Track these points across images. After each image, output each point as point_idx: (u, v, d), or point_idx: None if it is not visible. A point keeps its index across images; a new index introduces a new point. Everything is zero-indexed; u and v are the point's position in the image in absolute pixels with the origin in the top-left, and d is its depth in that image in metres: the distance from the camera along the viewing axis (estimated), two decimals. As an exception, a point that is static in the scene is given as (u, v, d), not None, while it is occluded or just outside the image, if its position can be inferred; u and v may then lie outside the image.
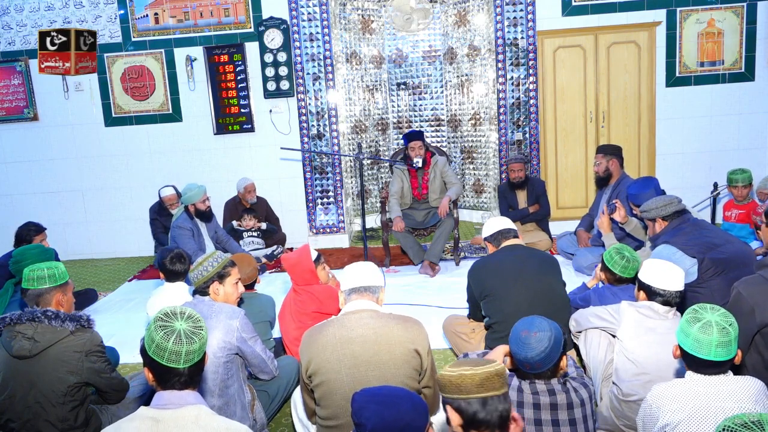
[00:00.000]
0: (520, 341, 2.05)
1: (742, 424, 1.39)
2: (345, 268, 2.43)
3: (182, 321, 1.78)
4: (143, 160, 6.32)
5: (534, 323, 2.08)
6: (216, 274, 2.72)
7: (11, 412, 2.43)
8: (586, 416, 2.09)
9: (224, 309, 2.64)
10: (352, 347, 2.20)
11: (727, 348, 1.88)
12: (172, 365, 1.73)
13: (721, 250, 3.03)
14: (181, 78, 6.13)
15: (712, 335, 1.87)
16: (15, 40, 6.17)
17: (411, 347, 2.22)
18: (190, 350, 1.75)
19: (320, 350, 2.22)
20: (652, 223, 3.40)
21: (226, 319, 2.59)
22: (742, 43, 5.85)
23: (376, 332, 2.22)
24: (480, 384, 1.61)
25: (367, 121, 6.71)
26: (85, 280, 5.69)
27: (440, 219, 5.18)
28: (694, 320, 1.92)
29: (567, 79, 6.05)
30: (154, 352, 1.73)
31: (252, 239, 5.70)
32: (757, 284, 2.46)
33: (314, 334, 2.29)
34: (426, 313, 4.15)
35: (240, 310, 2.69)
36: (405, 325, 2.27)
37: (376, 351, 2.19)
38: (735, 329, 1.89)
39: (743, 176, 4.71)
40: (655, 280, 2.59)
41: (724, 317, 1.91)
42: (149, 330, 1.77)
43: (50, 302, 2.59)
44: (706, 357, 1.89)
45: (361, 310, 2.29)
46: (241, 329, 2.60)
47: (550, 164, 6.20)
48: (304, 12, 5.91)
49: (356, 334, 2.22)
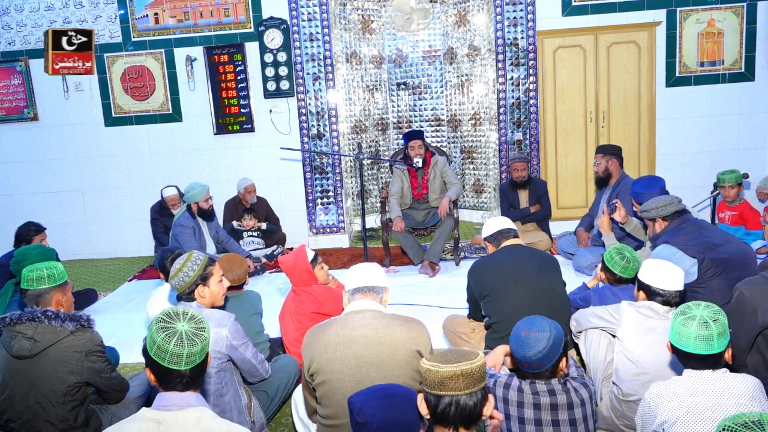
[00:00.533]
0: (520, 340, 2.07)
1: (742, 424, 1.39)
2: (350, 268, 2.43)
3: (184, 322, 1.77)
4: (143, 160, 6.32)
5: (534, 323, 2.09)
6: (198, 277, 2.62)
7: (11, 412, 2.43)
8: (586, 416, 2.09)
9: (213, 316, 2.55)
10: (355, 347, 2.19)
11: (707, 342, 1.91)
12: (174, 367, 1.72)
13: (721, 250, 3.03)
14: (181, 78, 6.13)
15: (691, 328, 1.93)
16: (15, 40, 6.17)
17: (413, 348, 2.21)
18: (191, 352, 1.74)
19: (322, 349, 2.21)
20: (652, 223, 3.40)
21: (214, 327, 2.48)
22: (742, 43, 5.85)
23: (378, 333, 2.21)
24: (441, 382, 1.60)
25: (367, 121, 6.71)
26: (85, 280, 5.69)
27: (440, 219, 5.18)
28: (681, 314, 1.99)
29: (567, 79, 6.05)
30: (156, 353, 1.72)
31: (252, 239, 5.70)
32: (759, 285, 2.46)
33: (317, 333, 2.28)
34: (426, 313, 4.14)
35: (230, 315, 2.61)
36: (408, 325, 2.26)
37: (379, 351, 2.19)
38: (720, 326, 1.92)
39: (731, 176, 4.78)
40: (655, 280, 2.59)
41: (711, 314, 1.94)
42: (150, 331, 1.76)
43: (50, 302, 2.60)
44: (685, 348, 1.95)
45: (364, 310, 2.28)
46: (231, 337, 2.54)
47: (550, 164, 6.20)
48: (304, 12, 5.91)
49: (359, 334, 2.21)
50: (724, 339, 1.93)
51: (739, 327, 2.43)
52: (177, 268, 2.63)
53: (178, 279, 2.61)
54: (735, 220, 4.86)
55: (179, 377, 1.75)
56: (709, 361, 1.95)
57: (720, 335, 1.92)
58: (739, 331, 2.42)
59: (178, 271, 2.62)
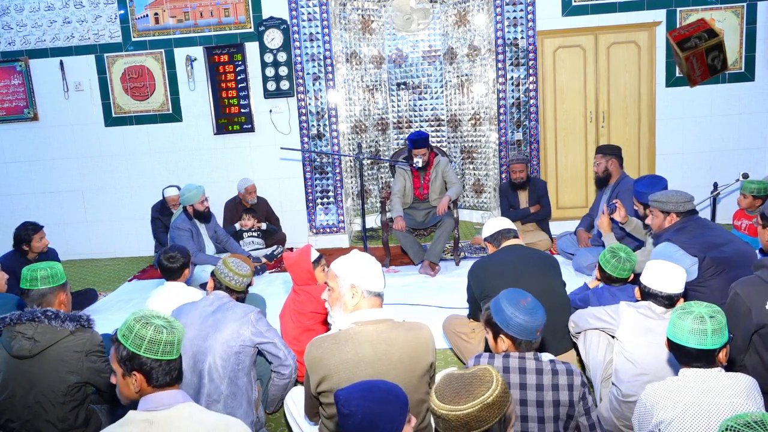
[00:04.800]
0: (525, 311, 2.11)
1: (744, 424, 1.39)
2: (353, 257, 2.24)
3: (157, 319, 1.82)
4: (143, 160, 6.32)
5: (517, 293, 2.18)
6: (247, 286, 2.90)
7: (11, 412, 2.42)
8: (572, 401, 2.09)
9: (240, 305, 2.77)
10: (377, 366, 2.06)
11: (701, 336, 1.92)
12: (167, 357, 1.76)
13: (722, 249, 3.03)
14: (181, 78, 6.13)
15: (687, 321, 1.95)
16: (15, 40, 6.17)
17: (428, 362, 2.15)
18: (180, 339, 1.81)
19: (340, 368, 2.06)
20: (663, 215, 3.33)
21: (241, 312, 2.70)
22: (742, 43, 5.85)
23: (400, 349, 2.09)
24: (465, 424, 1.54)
25: (367, 121, 6.71)
26: (85, 280, 5.69)
27: (440, 219, 5.18)
28: (680, 309, 2.02)
29: (567, 79, 6.05)
30: (147, 348, 1.74)
31: (252, 239, 5.70)
32: (753, 285, 2.47)
33: (329, 348, 2.09)
34: (426, 313, 4.15)
35: (254, 307, 2.78)
36: (423, 339, 2.16)
37: (400, 371, 2.08)
38: (716, 323, 1.93)
39: (756, 186, 4.44)
40: (656, 282, 2.58)
41: (709, 311, 1.96)
42: (134, 330, 1.76)
43: (53, 302, 2.60)
44: (679, 341, 1.97)
45: (379, 321, 2.14)
46: (255, 322, 2.69)
47: (550, 164, 6.20)
48: (304, 12, 5.91)
49: (380, 351, 2.07)
50: (719, 337, 1.93)
51: (735, 327, 2.43)
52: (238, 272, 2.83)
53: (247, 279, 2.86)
54: (752, 229, 4.42)
55: (171, 369, 1.78)
56: (703, 358, 1.95)
57: (715, 332, 1.92)
58: (735, 331, 2.43)
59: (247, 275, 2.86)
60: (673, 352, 2.04)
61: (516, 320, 2.09)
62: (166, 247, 3.60)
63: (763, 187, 4.46)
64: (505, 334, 2.13)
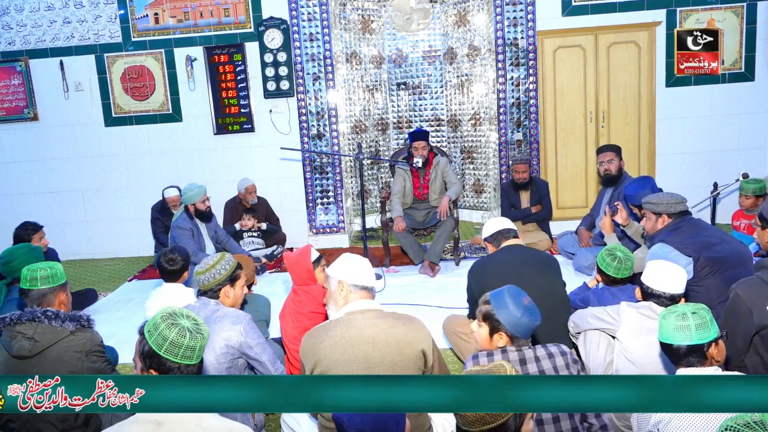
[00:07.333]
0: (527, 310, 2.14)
1: (744, 424, 1.39)
2: (343, 259, 2.37)
3: (185, 320, 1.81)
4: (143, 160, 6.32)
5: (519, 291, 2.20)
6: (228, 278, 2.73)
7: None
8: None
9: (229, 314, 2.63)
10: (365, 348, 2.17)
11: (684, 332, 1.95)
12: (185, 362, 1.76)
13: (717, 249, 3.04)
14: (181, 78, 6.13)
15: (670, 320, 1.99)
16: (15, 40, 6.17)
17: (419, 348, 2.22)
18: (202, 345, 1.80)
19: (329, 352, 2.17)
20: (655, 217, 3.36)
21: (230, 324, 2.59)
22: (742, 43, 5.85)
23: (386, 333, 2.20)
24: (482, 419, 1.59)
25: (367, 121, 6.71)
26: (85, 280, 5.69)
27: (440, 219, 5.18)
28: (666, 310, 2.06)
29: (567, 79, 6.05)
30: (168, 349, 1.74)
31: (252, 239, 5.70)
32: (754, 286, 2.47)
33: (319, 335, 2.23)
34: (426, 313, 4.14)
35: (246, 315, 2.68)
36: (411, 325, 2.27)
37: (388, 352, 2.18)
38: (698, 318, 1.95)
39: (754, 186, 4.54)
40: (656, 282, 2.58)
41: (692, 308, 1.99)
42: (159, 329, 1.76)
43: (53, 302, 2.60)
44: (666, 341, 1.99)
45: (367, 310, 2.26)
46: (245, 334, 2.60)
47: (550, 164, 6.20)
48: (304, 12, 5.91)
49: (367, 334, 2.19)
50: (704, 332, 1.94)
51: (736, 328, 2.44)
52: (209, 264, 2.71)
53: (209, 275, 2.69)
54: (751, 230, 4.45)
55: (189, 373, 1.78)
56: (692, 354, 1.96)
57: (699, 327, 1.94)
58: (736, 332, 2.43)
59: (210, 267, 2.70)
60: (665, 354, 2.06)
61: (523, 321, 2.13)
62: (166, 249, 3.59)
63: (760, 186, 4.50)
64: (505, 331, 2.14)
